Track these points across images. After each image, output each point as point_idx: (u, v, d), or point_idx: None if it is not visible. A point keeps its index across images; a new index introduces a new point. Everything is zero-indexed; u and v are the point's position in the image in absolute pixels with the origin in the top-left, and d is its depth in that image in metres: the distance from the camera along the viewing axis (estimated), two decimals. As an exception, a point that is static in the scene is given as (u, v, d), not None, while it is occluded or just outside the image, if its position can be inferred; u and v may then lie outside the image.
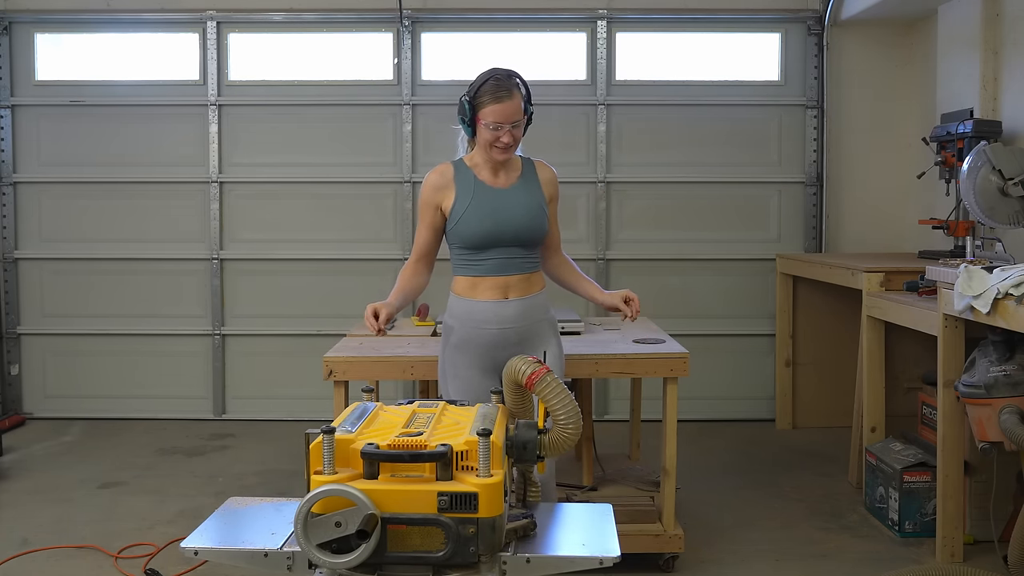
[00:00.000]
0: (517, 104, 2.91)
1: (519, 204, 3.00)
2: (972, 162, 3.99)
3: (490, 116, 2.89)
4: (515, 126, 2.91)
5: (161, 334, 5.99)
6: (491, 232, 2.96)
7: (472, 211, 2.96)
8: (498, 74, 2.94)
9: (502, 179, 3.02)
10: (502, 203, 2.98)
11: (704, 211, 5.95)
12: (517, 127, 2.92)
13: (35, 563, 3.62)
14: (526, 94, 2.96)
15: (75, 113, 5.94)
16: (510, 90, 2.90)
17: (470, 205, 2.97)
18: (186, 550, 1.99)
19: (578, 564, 1.99)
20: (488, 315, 2.97)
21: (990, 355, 3.34)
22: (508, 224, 2.97)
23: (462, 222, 2.96)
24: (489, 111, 2.89)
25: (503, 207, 2.98)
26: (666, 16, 5.92)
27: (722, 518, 4.12)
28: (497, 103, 2.88)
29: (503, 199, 2.99)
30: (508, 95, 2.89)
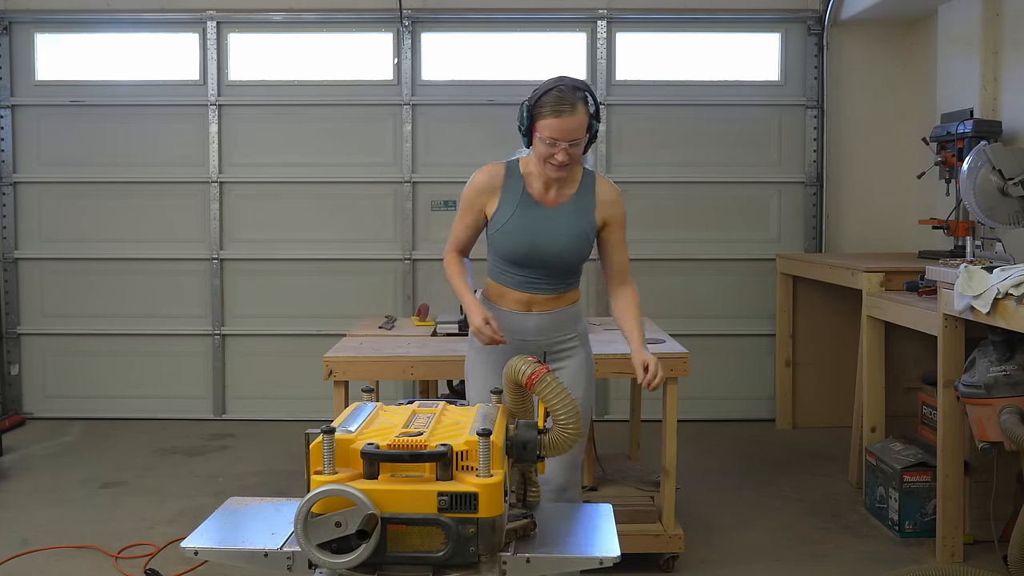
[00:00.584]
0: (579, 121, 2.64)
1: (562, 227, 2.77)
2: (972, 162, 3.99)
3: (547, 130, 2.65)
4: (573, 144, 2.65)
5: (161, 334, 5.99)
6: (526, 253, 2.78)
7: (512, 225, 2.78)
8: (563, 84, 2.68)
9: (552, 195, 2.79)
10: (544, 223, 2.77)
11: (704, 211, 5.95)
12: (576, 145, 2.66)
13: (35, 563, 3.62)
14: (593, 110, 2.69)
15: (75, 113, 5.94)
16: (573, 105, 2.64)
17: (511, 217, 2.78)
18: (186, 550, 1.99)
19: (578, 564, 1.99)
20: (510, 325, 2.82)
21: (990, 355, 3.34)
22: (545, 248, 2.77)
23: (500, 233, 2.80)
24: (547, 124, 2.65)
25: (544, 228, 2.76)
26: (666, 16, 5.92)
27: (722, 518, 4.12)
28: (555, 117, 2.63)
29: (547, 219, 2.77)
30: (570, 110, 2.63)
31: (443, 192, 5.92)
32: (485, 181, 2.84)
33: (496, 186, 2.83)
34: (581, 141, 2.67)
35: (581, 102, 2.65)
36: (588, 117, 2.67)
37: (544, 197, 2.80)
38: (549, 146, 2.66)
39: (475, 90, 5.91)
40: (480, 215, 2.84)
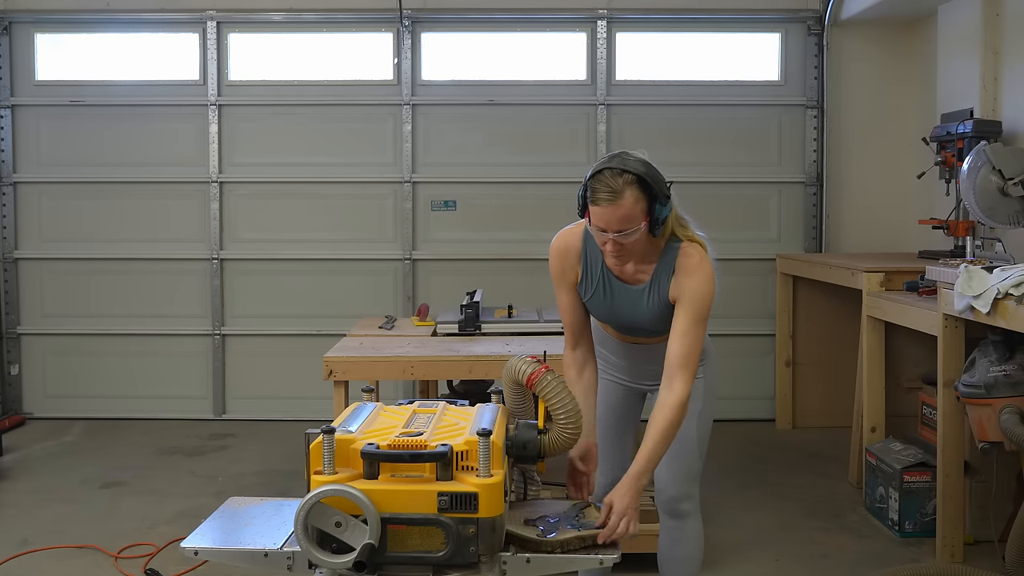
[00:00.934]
0: (626, 210, 2.28)
1: (642, 309, 2.50)
2: (972, 162, 3.99)
3: (593, 217, 2.34)
4: (625, 235, 2.31)
5: (161, 334, 5.99)
6: (614, 325, 2.61)
7: (595, 300, 2.55)
8: (611, 167, 2.32)
9: (630, 270, 2.48)
10: (627, 304, 2.51)
11: (704, 211, 5.84)
12: (628, 236, 2.32)
13: (35, 563, 3.62)
14: (652, 192, 2.33)
15: (75, 113, 5.94)
16: (617, 192, 2.29)
17: (594, 293, 2.54)
18: (186, 550, 1.99)
19: (578, 564, 1.99)
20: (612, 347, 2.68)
21: (990, 355, 3.34)
22: (629, 326, 2.57)
23: (587, 304, 2.57)
24: (593, 212, 2.33)
25: (627, 309, 2.52)
26: (666, 16, 5.91)
27: (722, 518, 4.12)
28: (598, 205, 2.31)
29: (629, 300, 2.51)
30: (612, 198, 2.29)
31: (443, 192, 5.92)
32: (564, 254, 2.54)
33: (575, 257, 2.53)
34: (635, 231, 2.32)
35: (630, 187, 2.30)
36: (642, 204, 2.31)
37: (623, 272, 2.50)
38: (600, 233, 2.34)
39: (475, 90, 5.91)
40: (572, 292, 2.57)
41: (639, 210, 2.31)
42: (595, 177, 2.33)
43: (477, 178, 5.90)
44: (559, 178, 5.87)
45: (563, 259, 2.54)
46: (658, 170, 2.40)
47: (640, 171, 2.32)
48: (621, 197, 2.29)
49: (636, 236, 2.33)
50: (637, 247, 2.39)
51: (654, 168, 2.38)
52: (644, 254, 2.46)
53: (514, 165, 5.91)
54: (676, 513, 2.71)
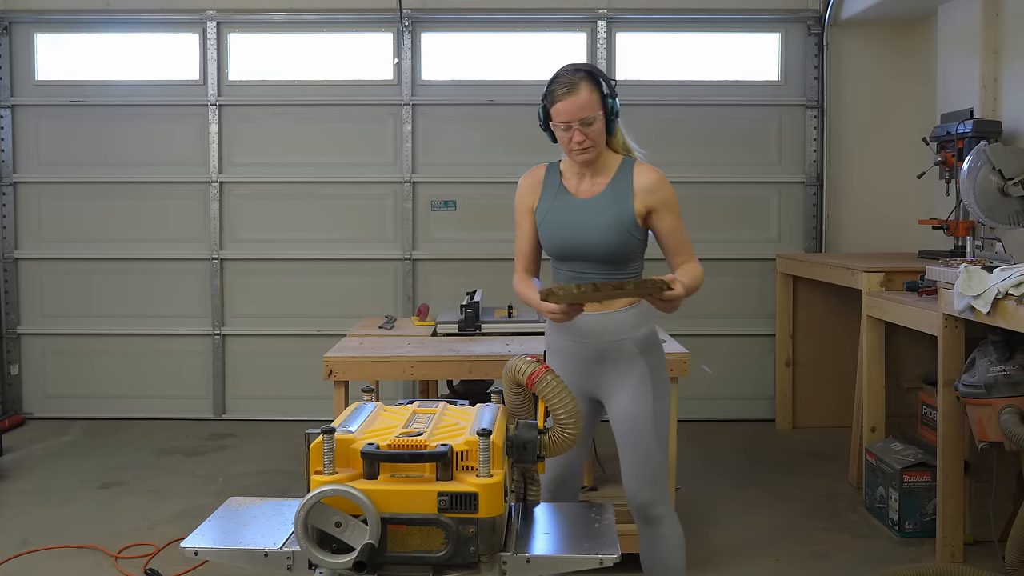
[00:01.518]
0: (585, 98, 2.59)
1: (593, 219, 2.67)
2: (972, 162, 4.00)
3: (557, 115, 2.63)
4: (586, 123, 2.60)
5: (161, 334, 5.99)
6: (561, 247, 2.73)
7: (548, 220, 2.75)
8: (564, 69, 2.67)
9: (586, 186, 2.73)
10: (576, 216, 2.69)
11: (704, 211, 5.95)
12: (589, 123, 2.61)
13: (35, 563, 3.62)
14: (604, 87, 2.65)
15: (75, 113, 5.94)
16: (574, 84, 2.60)
17: (548, 213, 2.75)
18: (186, 550, 1.99)
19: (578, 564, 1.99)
20: (566, 326, 2.68)
21: (990, 355, 3.34)
22: (578, 240, 2.68)
23: (540, 229, 2.78)
24: (555, 110, 2.63)
25: (575, 222, 2.69)
26: (666, 16, 5.92)
27: (722, 518, 4.12)
28: (560, 100, 2.61)
29: (578, 212, 2.70)
30: (571, 89, 2.60)
31: (443, 192, 5.92)
32: (528, 181, 2.85)
33: (538, 181, 2.82)
34: (593, 118, 2.61)
35: (584, 80, 2.61)
36: (596, 94, 2.62)
37: (578, 189, 2.74)
38: (564, 131, 2.64)
39: (475, 90, 5.91)
40: (531, 216, 2.82)
41: (595, 100, 2.62)
42: (552, 82, 2.65)
43: (477, 178, 5.90)
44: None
45: (528, 183, 2.85)
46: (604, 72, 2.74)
47: (589, 68, 2.67)
48: (578, 88, 2.60)
49: (596, 125, 2.63)
50: (600, 140, 2.66)
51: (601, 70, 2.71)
52: (600, 167, 2.72)
53: (514, 165, 5.85)
54: (650, 519, 2.70)
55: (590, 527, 2.15)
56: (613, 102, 2.67)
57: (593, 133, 2.63)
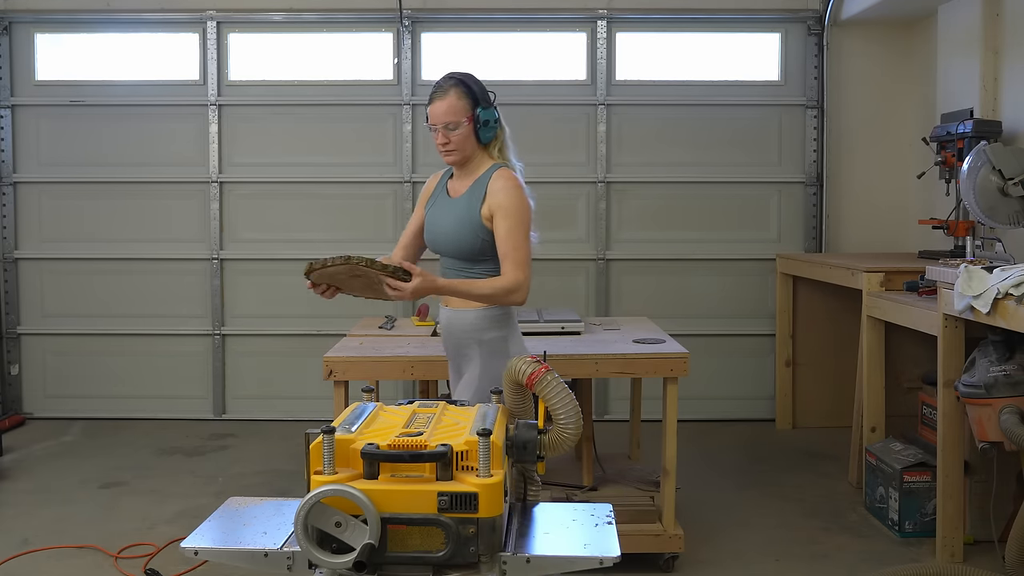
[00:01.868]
0: (450, 104, 2.78)
1: (450, 216, 2.87)
2: (972, 162, 4.00)
3: (429, 116, 2.84)
4: (449, 128, 2.79)
5: (161, 334, 5.99)
6: (431, 243, 2.96)
7: (429, 215, 2.97)
8: (445, 75, 2.89)
9: (457, 187, 2.93)
10: (441, 215, 2.91)
11: (704, 211, 5.95)
12: (452, 129, 2.79)
13: (35, 563, 3.63)
14: (474, 95, 2.82)
15: (75, 113, 5.94)
16: (444, 89, 2.80)
17: (430, 209, 2.98)
18: (186, 550, 1.99)
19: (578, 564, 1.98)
20: (442, 319, 2.97)
21: (990, 355, 3.34)
22: (440, 237, 2.90)
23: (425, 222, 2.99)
24: (428, 111, 2.84)
25: (440, 219, 2.91)
26: (666, 16, 5.92)
27: (722, 518, 4.12)
28: (431, 103, 2.82)
29: (444, 211, 2.91)
30: (440, 94, 2.80)
31: (443, 192, 5.92)
32: (430, 181, 3.06)
33: (435, 181, 3.04)
34: (458, 124, 2.78)
35: (454, 87, 2.79)
36: (464, 102, 2.79)
37: (454, 189, 2.93)
38: (432, 131, 2.82)
39: (475, 90, 5.90)
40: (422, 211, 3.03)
41: (462, 106, 2.78)
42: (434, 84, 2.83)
43: (477, 178, 5.90)
44: (559, 178, 5.88)
45: (428, 184, 3.05)
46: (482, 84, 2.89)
47: (464, 77, 2.85)
48: (447, 93, 2.78)
49: (460, 131, 2.79)
50: (464, 146, 2.82)
51: (478, 80, 2.88)
52: (471, 169, 2.88)
53: (514, 165, 5.90)
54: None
55: (590, 527, 2.14)
56: (484, 113, 2.82)
57: (456, 138, 2.79)
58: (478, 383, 2.79)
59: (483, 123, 2.83)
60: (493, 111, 2.87)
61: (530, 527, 2.12)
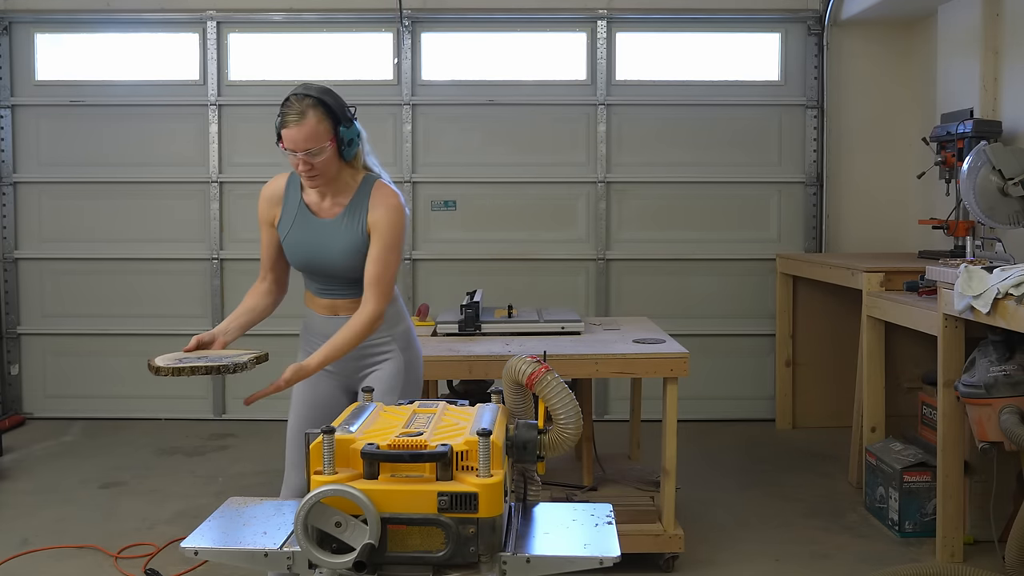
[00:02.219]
0: (310, 129, 2.55)
1: (334, 243, 2.67)
2: (972, 162, 4.00)
3: (285, 140, 2.59)
4: (311, 154, 2.56)
5: (161, 334, 5.98)
6: (306, 265, 2.75)
7: (291, 238, 2.73)
8: (295, 92, 2.61)
9: (327, 204, 2.70)
10: (318, 237, 2.69)
11: (704, 211, 5.95)
12: (315, 155, 2.56)
13: (35, 563, 3.63)
14: (333, 113, 2.60)
15: (75, 113, 5.94)
16: (301, 113, 2.55)
17: (291, 230, 2.73)
18: (186, 550, 1.99)
19: (578, 564, 1.98)
20: (322, 330, 2.78)
21: (990, 355, 3.34)
22: (322, 261, 2.70)
23: (284, 244, 2.76)
24: (284, 136, 2.59)
25: (318, 242, 2.69)
26: (666, 16, 5.92)
27: (722, 518, 4.12)
28: (287, 127, 2.57)
29: (320, 232, 2.69)
30: (297, 119, 2.55)
31: (443, 192, 5.92)
32: (267, 193, 2.79)
33: (278, 195, 2.76)
34: (321, 149, 2.57)
35: (312, 108, 2.56)
36: (325, 124, 2.58)
37: (320, 207, 2.71)
38: (292, 157, 2.59)
39: (475, 90, 5.91)
40: (272, 229, 2.78)
41: (323, 129, 2.57)
42: (283, 104, 2.59)
43: (477, 178, 5.90)
44: (559, 178, 5.88)
45: (266, 200, 2.78)
46: (340, 97, 2.66)
47: (321, 95, 2.59)
48: (305, 117, 2.54)
49: (324, 156, 2.58)
50: (329, 169, 2.61)
51: (336, 94, 2.64)
52: (340, 187, 2.68)
53: (514, 165, 5.91)
54: None
55: (590, 527, 2.14)
56: (346, 131, 2.63)
57: (320, 163, 2.59)
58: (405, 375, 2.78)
59: (347, 143, 2.65)
60: (355, 126, 2.69)
61: (530, 527, 2.12)
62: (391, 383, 2.77)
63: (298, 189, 2.74)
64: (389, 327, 2.78)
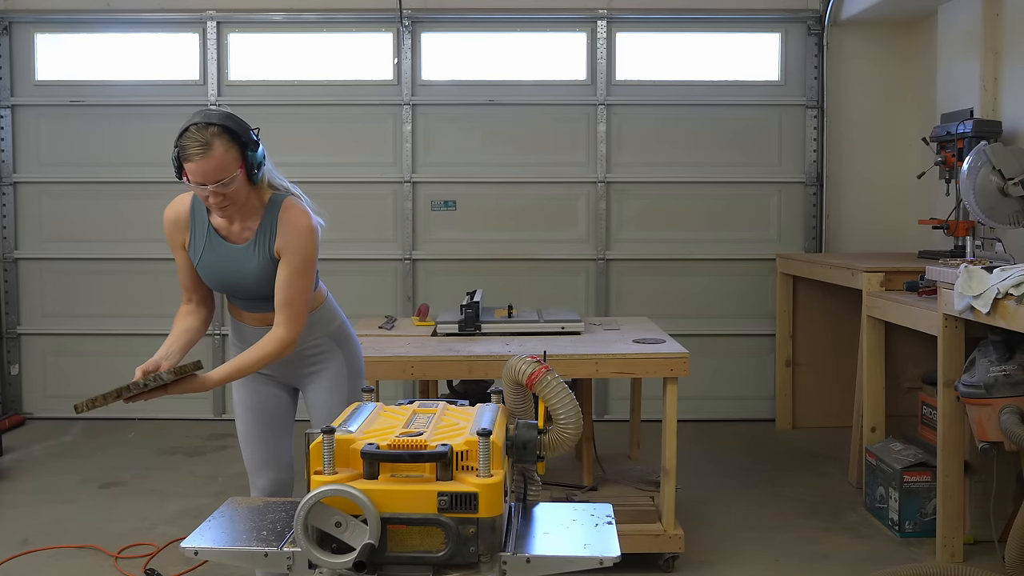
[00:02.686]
0: (218, 160, 2.41)
1: (248, 269, 2.59)
2: (972, 162, 4.00)
3: (190, 175, 2.45)
4: (223, 184, 2.43)
5: (161, 334, 5.94)
6: (225, 288, 2.68)
7: (204, 262, 2.64)
8: (195, 122, 2.44)
9: (236, 228, 2.59)
10: (231, 263, 2.60)
11: (704, 211, 5.95)
12: (227, 185, 2.43)
13: (35, 563, 3.63)
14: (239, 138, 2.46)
15: (75, 113, 5.94)
16: (206, 144, 2.41)
17: (202, 256, 2.64)
18: (186, 550, 1.99)
19: (578, 564, 1.98)
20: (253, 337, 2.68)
21: (990, 355, 3.34)
22: (238, 284, 2.64)
23: (198, 267, 2.67)
24: (188, 169, 2.45)
25: (231, 268, 2.60)
26: (666, 16, 5.92)
27: (722, 518, 4.12)
28: (192, 161, 2.43)
29: (232, 258, 2.60)
30: (202, 151, 2.41)
31: (443, 192, 5.92)
32: (172, 217, 2.67)
33: (183, 220, 2.65)
34: (232, 179, 2.44)
35: (218, 138, 2.42)
36: (233, 152, 2.44)
37: (230, 232, 2.60)
38: (200, 189, 2.46)
39: (475, 90, 5.91)
40: (183, 252, 2.68)
41: (231, 158, 2.43)
42: (182, 136, 2.44)
43: (477, 178, 5.90)
44: (559, 178, 5.89)
45: (172, 225, 2.67)
46: (241, 119, 2.50)
47: (224, 121, 2.43)
48: (211, 148, 2.40)
49: (235, 185, 2.45)
50: (240, 196, 2.49)
51: (238, 118, 2.48)
52: (248, 210, 2.56)
53: (514, 165, 5.91)
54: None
55: (590, 527, 2.14)
56: (253, 155, 2.49)
57: (232, 192, 2.46)
58: (347, 370, 2.80)
59: (256, 167, 2.52)
60: (259, 147, 2.54)
61: (530, 527, 2.12)
62: (336, 381, 2.78)
63: (204, 212, 2.61)
64: (323, 328, 2.78)
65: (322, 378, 2.79)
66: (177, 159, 2.47)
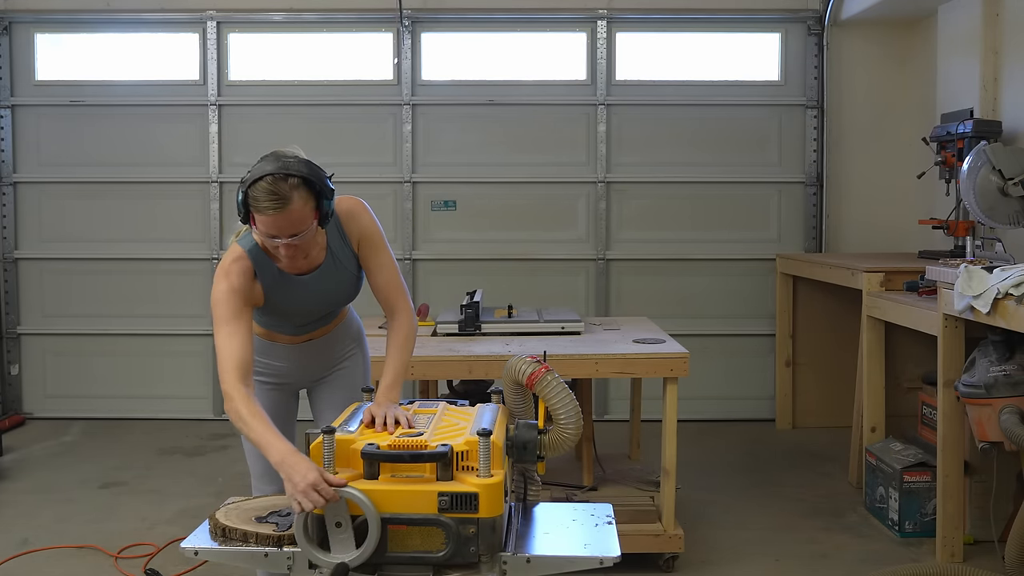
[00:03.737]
0: (296, 214, 2.23)
1: (329, 286, 2.53)
2: (972, 162, 4.00)
3: (263, 226, 2.25)
4: (297, 237, 2.26)
5: (161, 334, 5.99)
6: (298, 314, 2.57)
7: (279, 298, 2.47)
8: (274, 172, 2.22)
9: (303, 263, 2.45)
10: (306, 293, 2.49)
11: (704, 211, 5.95)
12: (302, 236, 2.27)
13: (35, 563, 3.62)
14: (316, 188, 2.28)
15: (75, 113, 5.94)
16: (284, 197, 2.21)
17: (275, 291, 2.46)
18: (186, 550, 1.99)
19: (578, 564, 1.99)
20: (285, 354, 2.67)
21: (990, 355, 3.34)
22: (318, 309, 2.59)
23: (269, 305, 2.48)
24: (261, 220, 2.24)
25: (308, 297, 2.50)
26: (666, 16, 5.92)
27: (722, 518, 4.12)
28: (264, 215, 2.22)
29: (307, 288, 2.49)
30: (279, 206, 2.21)
31: (443, 192, 5.92)
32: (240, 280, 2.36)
33: (249, 278, 2.38)
34: (306, 232, 2.27)
35: (296, 191, 2.23)
36: (311, 204, 2.27)
37: (298, 268, 2.46)
38: (271, 239, 2.27)
39: (475, 90, 5.91)
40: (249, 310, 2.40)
41: (308, 211, 2.27)
42: (256, 185, 2.22)
43: (477, 178, 5.90)
44: (559, 178, 5.89)
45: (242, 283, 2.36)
46: (316, 164, 2.34)
47: (304, 172, 2.26)
48: (290, 203, 2.22)
49: (308, 235, 2.30)
50: (311, 244, 2.38)
51: (315, 165, 2.33)
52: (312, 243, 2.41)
53: (514, 165, 5.91)
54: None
55: (590, 527, 2.15)
56: (328, 204, 2.32)
57: (305, 243, 2.32)
58: (364, 367, 2.84)
59: (330, 213, 2.36)
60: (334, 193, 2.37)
61: (530, 527, 2.12)
62: (354, 380, 2.79)
63: (265, 261, 2.40)
64: (349, 332, 2.81)
65: (341, 378, 2.78)
66: (244, 204, 2.25)
